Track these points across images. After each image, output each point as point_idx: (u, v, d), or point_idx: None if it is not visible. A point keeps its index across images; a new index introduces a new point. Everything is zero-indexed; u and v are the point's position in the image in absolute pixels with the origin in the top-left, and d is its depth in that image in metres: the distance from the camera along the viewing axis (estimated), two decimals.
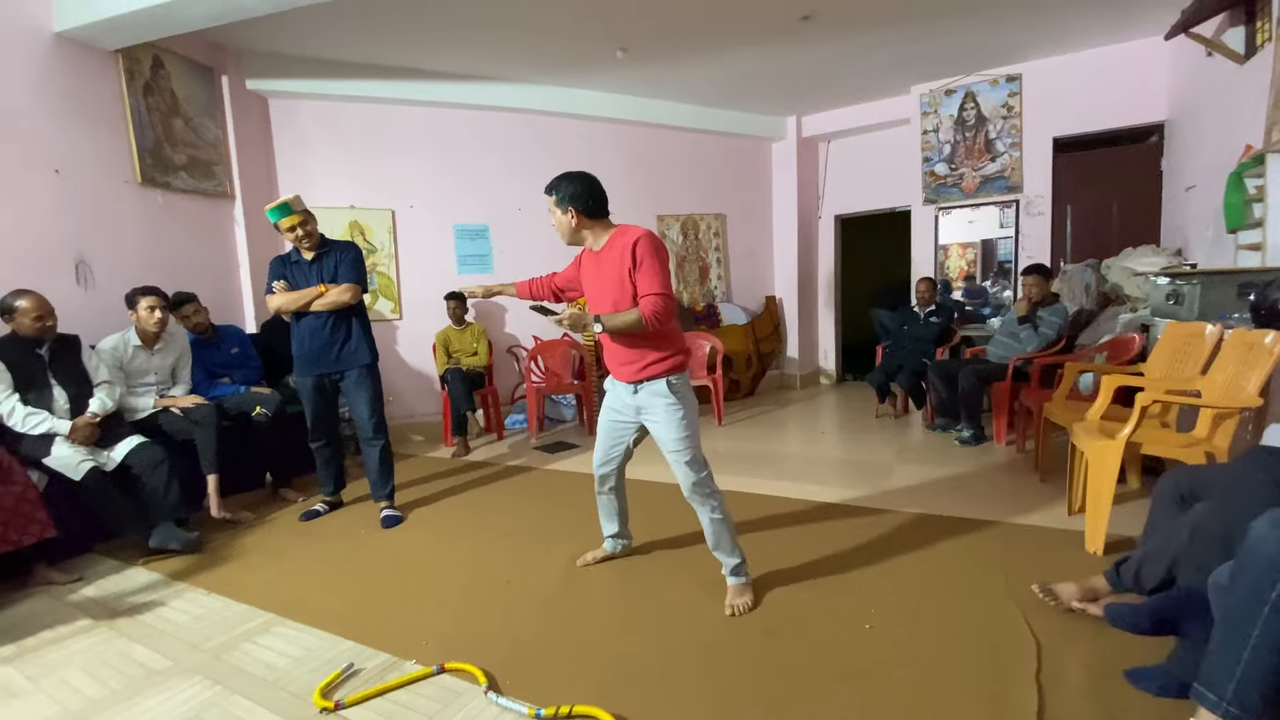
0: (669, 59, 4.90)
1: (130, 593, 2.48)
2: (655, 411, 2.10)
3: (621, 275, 2.03)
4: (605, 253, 2.12)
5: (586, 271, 2.22)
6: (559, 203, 2.12)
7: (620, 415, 2.24)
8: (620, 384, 2.19)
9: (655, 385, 2.10)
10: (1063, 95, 5.08)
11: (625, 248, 2.03)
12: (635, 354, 2.10)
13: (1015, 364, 3.80)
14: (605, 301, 2.10)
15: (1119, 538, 2.40)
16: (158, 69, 3.90)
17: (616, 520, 2.48)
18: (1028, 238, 5.33)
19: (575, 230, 2.13)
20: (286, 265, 3.08)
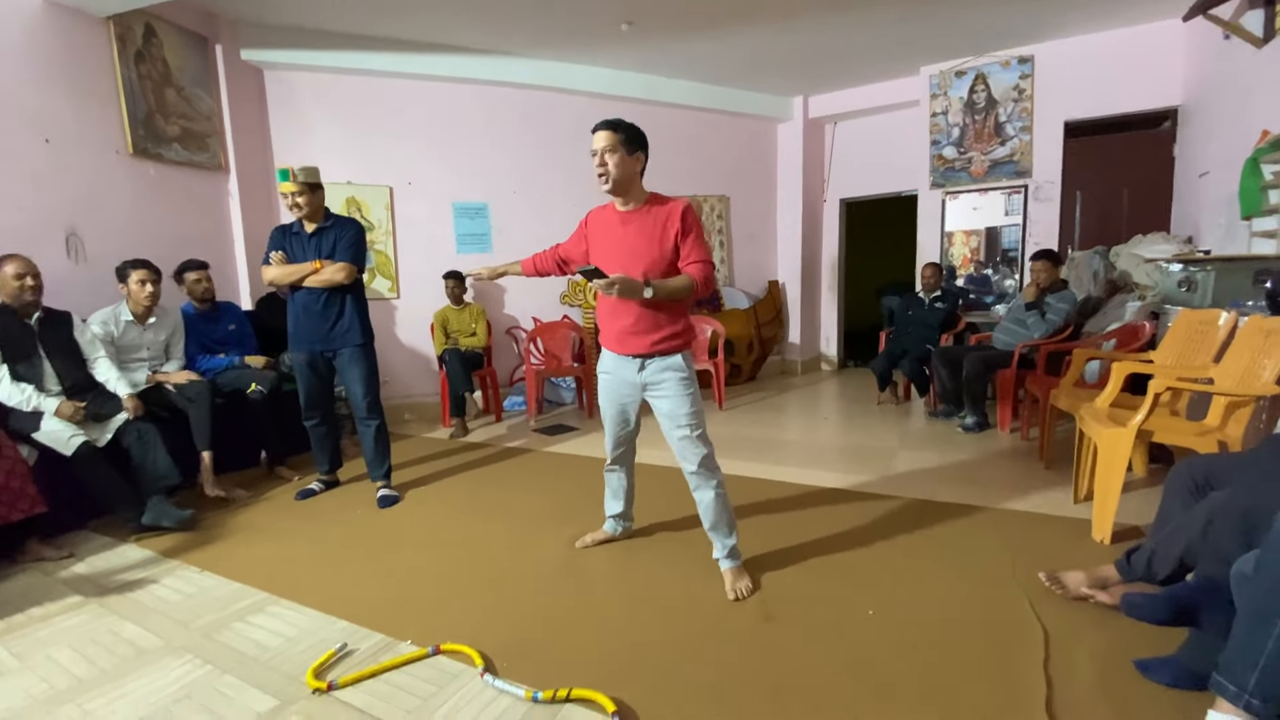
0: (675, 34, 4.79)
1: (121, 570, 2.45)
2: (666, 386, 2.04)
3: (664, 241, 1.98)
4: (639, 216, 2.03)
5: (607, 232, 2.10)
6: (628, 143, 1.99)
7: (625, 394, 2.16)
8: (624, 360, 2.10)
9: (671, 360, 2.05)
10: (1075, 78, 4.98)
11: (671, 214, 1.99)
12: (654, 325, 2.03)
13: (1021, 351, 3.74)
14: (634, 264, 1.98)
15: (1125, 526, 2.37)
16: (150, 37, 3.80)
17: (623, 499, 2.42)
18: (1036, 223, 5.26)
19: (634, 177, 2.02)
20: (286, 236, 3.02)
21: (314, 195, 2.92)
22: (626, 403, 2.18)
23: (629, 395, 2.16)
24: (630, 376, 2.11)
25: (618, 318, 2.07)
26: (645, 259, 1.98)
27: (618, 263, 2.00)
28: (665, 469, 3.39)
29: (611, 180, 1.98)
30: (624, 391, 2.16)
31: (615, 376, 2.16)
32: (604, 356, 2.19)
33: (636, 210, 2.05)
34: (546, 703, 1.54)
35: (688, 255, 1.99)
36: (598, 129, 2.00)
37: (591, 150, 2.00)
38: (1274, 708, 1.11)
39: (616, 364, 2.14)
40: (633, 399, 2.17)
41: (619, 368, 2.14)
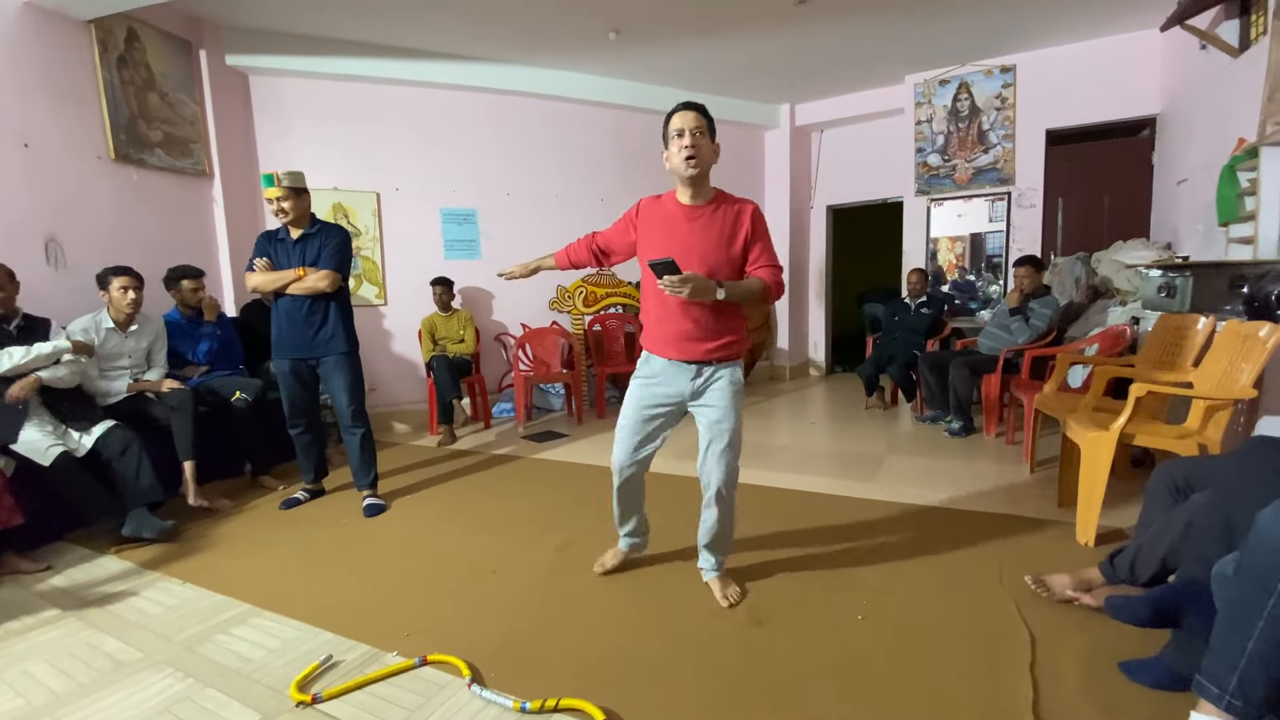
0: (662, 42, 4.82)
1: (101, 582, 2.40)
2: (719, 396, 1.91)
3: (733, 242, 1.86)
4: (707, 213, 1.88)
5: (668, 226, 1.91)
6: (711, 129, 1.88)
7: (666, 404, 1.98)
8: (677, 366, 1.93)
9: (728, 368, 1.92)
10: (1056, 87, 5.06)
11: (741, 214, 1.89)
12: (716, 330, 1.89)
13: (1006, 356, 3.78)
14: (698, 265, 1.83)
15: (1109, 529, 2.40)
16: (132, 42, 3.77)
17: (635, 518, 2.22)
18: (1019, 230, 5.32)
19: (707, 170, 1.88)
20: (272, 242, 2.99)
21: (299, 200, 2.90)
22: (666, 413, 2.00)
23: (671, 406, 1.99)
24: (680, 385, 1.94)
25: (674, 320, 1.90)
26: (712, 260, 1.85)
27: (682, 261, 1.81)
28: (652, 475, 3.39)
29: (700, 163, 1.83)
30: (666, 401, 1.98)
31: (660, 384, 1.97)
32: (649, 362, 2.00)
33: (705, 206, 1.90)
34: (535, 713, 1.53)
35: (758, 259, 1.89)
36: (683, 109, 1.85)
37: (676, 130, 1.84)
38: (1256, 708, 1.12)
39: (666, 371, 1.95)
40: (674, 411, 2.00)
41: (669, 375, 1.95)
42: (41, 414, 2.73)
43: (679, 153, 1.83)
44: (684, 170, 1.83)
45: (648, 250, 1.92)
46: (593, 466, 3.70)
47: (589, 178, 5.71)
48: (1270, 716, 1.16)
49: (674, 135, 1.84)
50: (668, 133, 1.88)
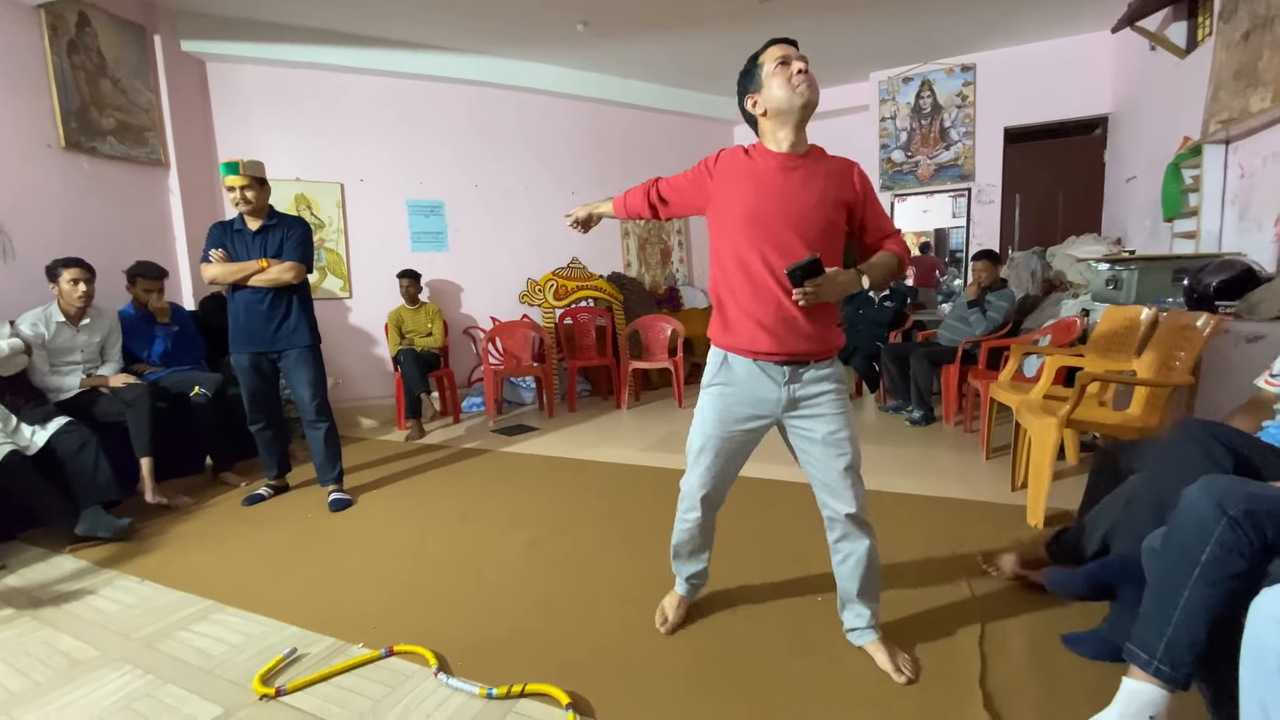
0: (631, 35, 4.83)
1: (56, 581, 2.34)
2: (826, 402, 1.53)
3: (836, 201, 1.51)
4: (806, 164, 1.52)
5: (758, 180, 1.52)
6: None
7: (756, 418, 1.59)
8: (765, 368, 1.53)
9: (832, 367, 1.55)
10: (1014, 86, 5.21)
11: (845, 172, 1.55)
12: (818, 316, 1.51)
13: (964, 347, 3.90)
14: (793, 223, 1.48)
15: (1058, 510, 2.50)
16: (83, 26, 3.64)
17: (704, 557, 1.84)
18: (979, 225, 5.47)
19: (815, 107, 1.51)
20: (228, 233, 2.91)
21: (262, 190, 2.85)
22: (753, 430, 1.61)
23: (761, 422, 1.59)
24: (770, 392, 1.54)
25: (763, 303, 1.50)
26: (811, 221, 1.48)
27: (779, 222, 1.48)
28: (626, 467, 3.42)
29: (815, 92, 1.48)
30: (756, 414, 1.58)
31: (744, 391, 1.57)
32: (724, 364, 1.59)
33: (804, 157, 1.53)
34: (501, 698, 1.55)
35: (880, 226, 1.58)
36: (781, 40, 1.52)
37: (779, 58, 1.48)
38: (1183, 673, 1.20)
39: (750, 374, 1.55)
40: (762, 426, 1.61)
41: (753, 380, 1.55)
42: None
43: (788, 81, 1.46)
44: (796, 100, 1.45)
45: (728, 208, 1.54)
46: (564, 459, 3.71)
47: (559, 170, 5.70)
48: (1196, 680, 1.23)
49: (776, 66, 1.48)
50: (759, 72, 1.52)
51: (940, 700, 1.49)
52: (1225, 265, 2.60)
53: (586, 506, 2.91)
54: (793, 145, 1.52)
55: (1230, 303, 2.49)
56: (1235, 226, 3.16)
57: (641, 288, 6.01)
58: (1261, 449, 1.53)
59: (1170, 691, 1.20)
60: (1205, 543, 1.16)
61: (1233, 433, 1.55)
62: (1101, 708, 1.26)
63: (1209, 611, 1.16)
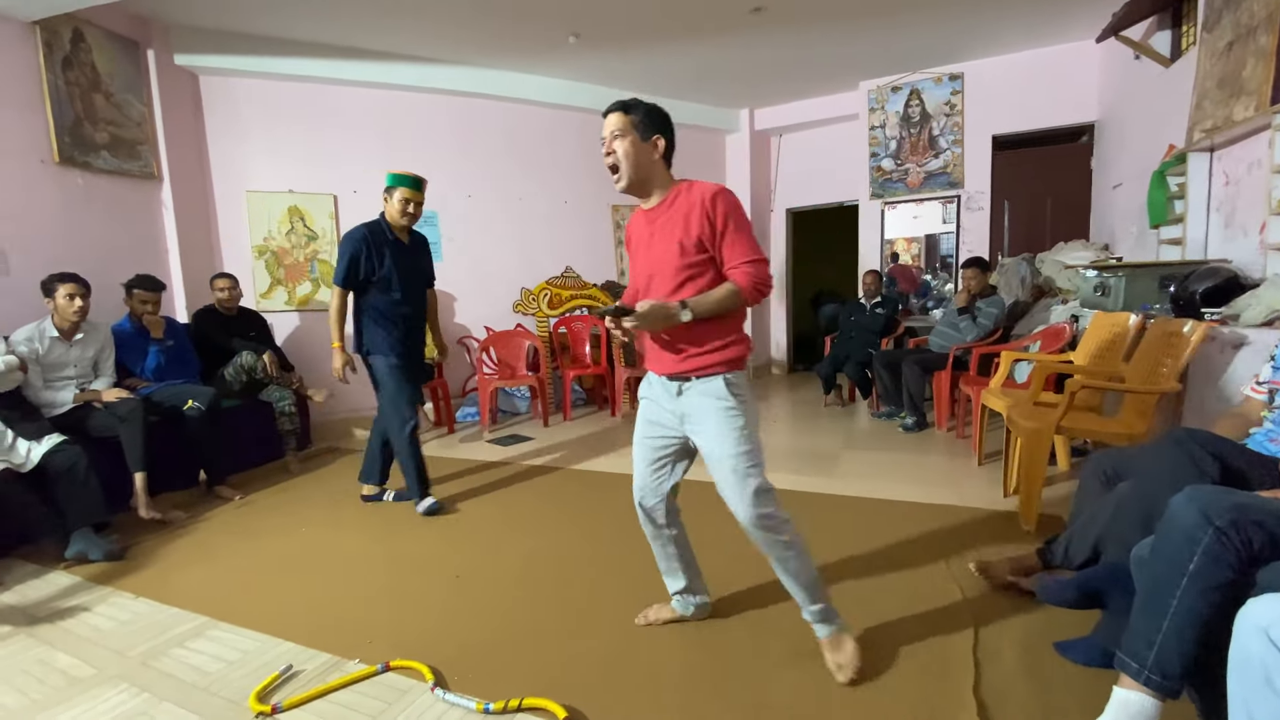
0: (622, 47, 4.87)
1: (51, 598, 2.33)
2: (705, 419, 1.60)
3: (684, 241, 1.56)
4: (662, 212, 1.63)
5: (638, 240, 1.70)
6: (641, 125, 1.61)
7: (661, 427, 1.72)
8: (663, 381, 1.68)
9: (708, 383, 1.60)
10: (1002, 94, 5.27)
11: (693, 206, 1.56)
12: (694, 336, 1.60)
13: (955, 353, 3.93)
14: (665, 277, 1.60)
15: (1050, 516, 2.52)
16: (78, 42, 3.65)
17: (682, 573, 1.88)
18: (968, 232, 5.52)
19: (653, 166, 1.63)
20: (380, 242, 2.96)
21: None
22: (670, 440, 1.72)
23: (665, 430, 1.71)
24: (667, 403, 1.68)
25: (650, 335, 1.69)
26: (673, 265, 1.59)
27: (651, 273, 1.64)
28: (612, 475, 3.43)
29: (624, 175, 1.61)
30: (663, 422, 1.71)
31: (654, 402, 1.74)
32: (647, 377, 1.78)
33: (661, 205, 1.64)
34: (498, 713, 1.55)
35: (729, 257, 1.56)
36: (608, 112, 1.64)
37: (601, 138, 1.64)
38: (1172, 682, 1.21)
39: (657, 386, 1.72)
40: (670, 433, 1.71)
41: (659, 392, 1.71)
42: None
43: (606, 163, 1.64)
44: (615, 184, 1.65)
45: (633, 271, 1.74)
46: (560, 470, 3.71)
47: (551, 180, 5.72)
48: (1187, 688, 1.25)
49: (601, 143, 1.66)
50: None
51: (935, 707, 1.50)
52: (1211, 272, 2.64)
53: (582, 517, 2.92)
54: (649, 201, 1.68)
55: (1216, 309, 2.52)
56: (1220, 233, 3.21)
57: None
58: (1248, 456, 1.56)
59: (1161, 701, 1.21)
60: (1192, 553, 1.18)
61: (1219, 440, 1.58)
62: (1095, 715, 1.28)
63: (1198, 621, 1.17)
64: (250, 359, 3.76)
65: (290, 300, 4.75)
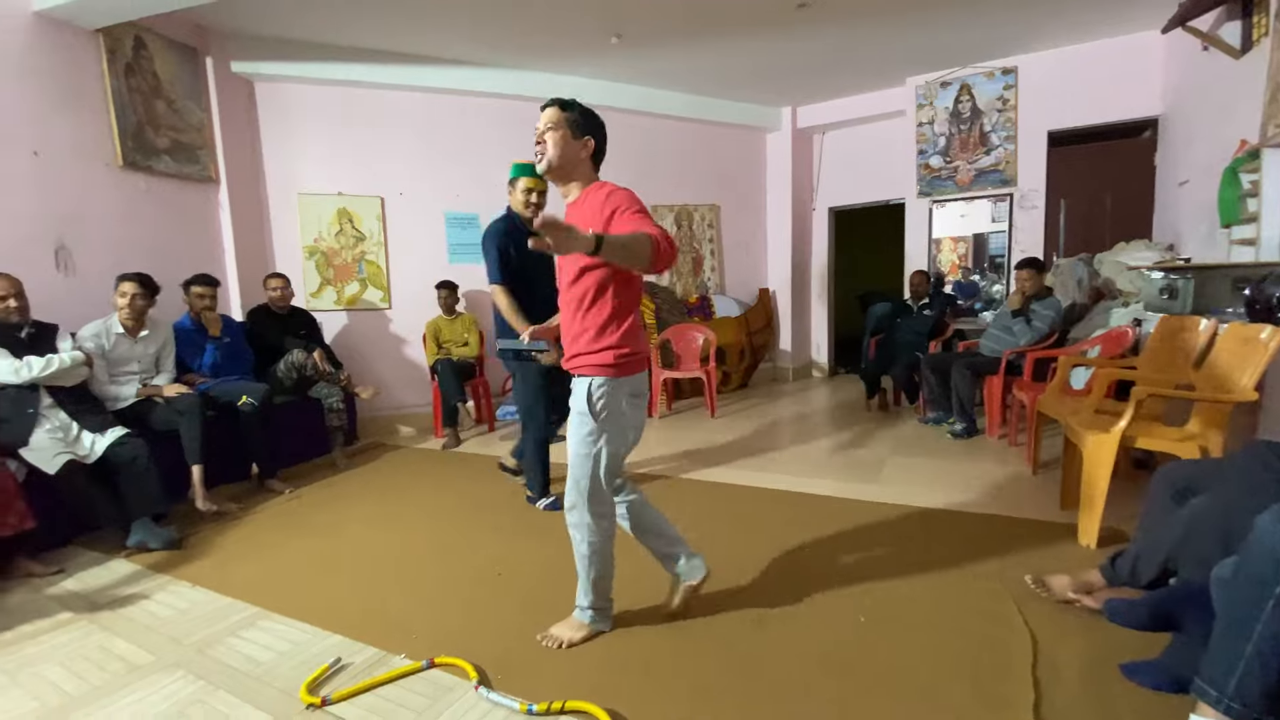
0: (664, 46, 4.84)
1: (112, 585, 2.43)
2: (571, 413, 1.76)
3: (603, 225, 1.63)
4: (577, 207, 1.75)
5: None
6: (575, 124, 1.73)
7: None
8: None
9: (578, 382, 1.73)
10: (1058, 89, 5.07)
11: (601, 199, 1.67)
12: (576, 331, 1.72)
13: (1008, 357, 3.79)
14: (569, 266, 1.73)
15: (1111, 531, 2.41)
16: (140, 49, 3.80)
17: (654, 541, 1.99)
18: (1021, 231, 5.33)
19: (578, 163, 1.75)
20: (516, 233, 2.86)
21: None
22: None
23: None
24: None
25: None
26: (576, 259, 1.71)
27: (558, 263, 1.80)
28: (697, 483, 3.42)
29: (547, 159, 1.72)
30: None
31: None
32: None
33: (578, 200, 1.76)
34: (541, 715, 1.55)
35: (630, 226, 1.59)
36: (546, 106, 1.77)
37: (535, 128, 1.77)
38: (1254, 711, 1.14)
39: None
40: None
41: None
42: (53, 415, 2.76)
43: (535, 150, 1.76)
44: (538, 166, 1.76)
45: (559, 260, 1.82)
46: None
47: None
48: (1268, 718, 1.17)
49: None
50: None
51: None
52: None
53: None
54: (567, 195, 1.81)
55: None
56: None
57: (673, 296, 6.01)
58: None
59: None
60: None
61: None
62: None
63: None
64: (300, 356, 3.87)
65: (339, 300, 4.87)
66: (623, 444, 1.79)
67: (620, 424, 1.74)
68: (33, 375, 2.68)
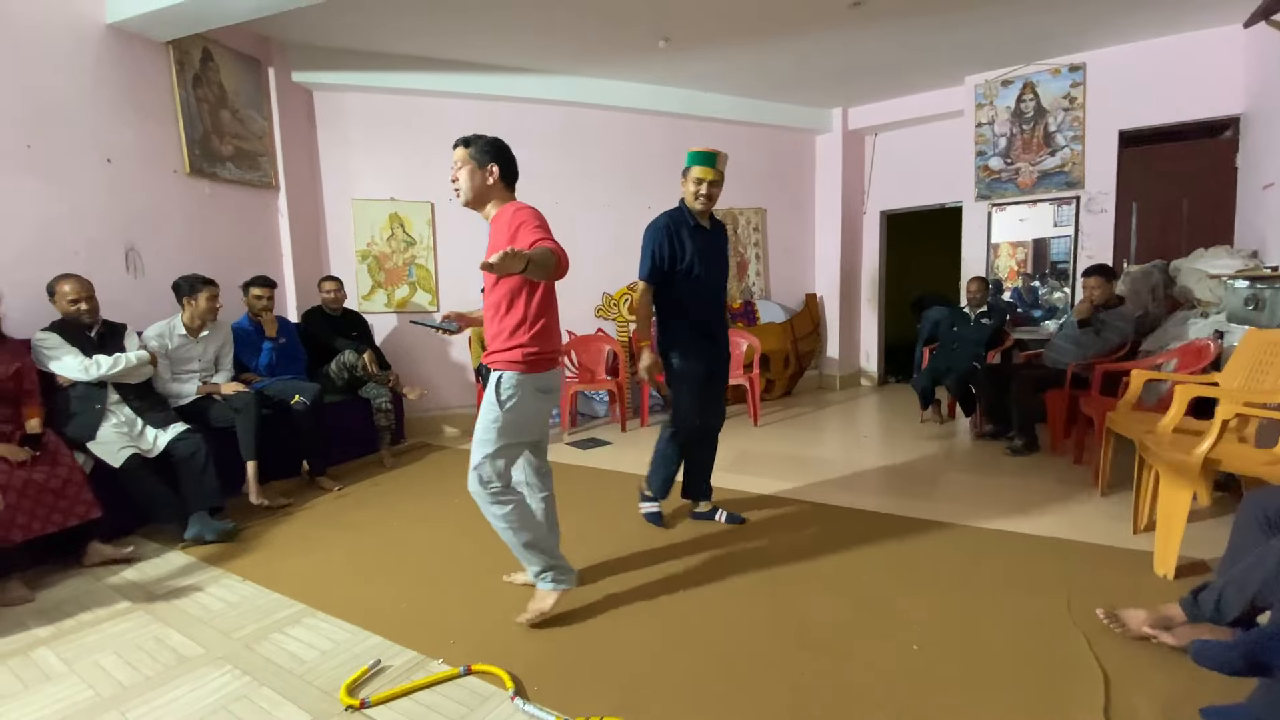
0: (712, 49, 4.79)
1: (169, 577, 2.52)
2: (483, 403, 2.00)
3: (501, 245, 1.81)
4: (494, 222, 2.00)
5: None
6: (477, 155, 2.00)
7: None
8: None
9: (492, 376, 1.97)
10: (1130, 86, 4.80)
11: (509, 215, 1.93)
12: (493, 330, 1.99)
13: (1074, 370, 3.59)
14: (489, 278, 1.94)
15: (1190, 560, 2.23)
16: (207, 61, 3.96)
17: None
18: (1088, 236, 5.06)
19: (487, 189, 2.01)
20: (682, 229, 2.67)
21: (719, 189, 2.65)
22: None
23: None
24: None
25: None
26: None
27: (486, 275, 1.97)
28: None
29: (463, 194, 2.02)
30: None
31: None
32: None
33: (495, 216, 2.01)
34: None
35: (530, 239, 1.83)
36: (455, 146, 2.05)
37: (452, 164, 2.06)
38: None
39: None
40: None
41: None
42: (119, 411, 2.88)
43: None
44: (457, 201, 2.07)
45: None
46: (637, 476, 3.66)
47: (637, 185, 5.72)
48: None
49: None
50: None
51: None
52: None
53: (658, 529, 2.86)
54: (486, 217, 2.06)
55: None
56: None
57: None
58: None
59: None
60: None
61: None
62: None
63: None
64: (351, 357, 3.96)
65: (389, 302, 4.98)
66: (522, 435, 2.00)
67: (523, 416, 1.97)
68: (101, 373, 2.80)
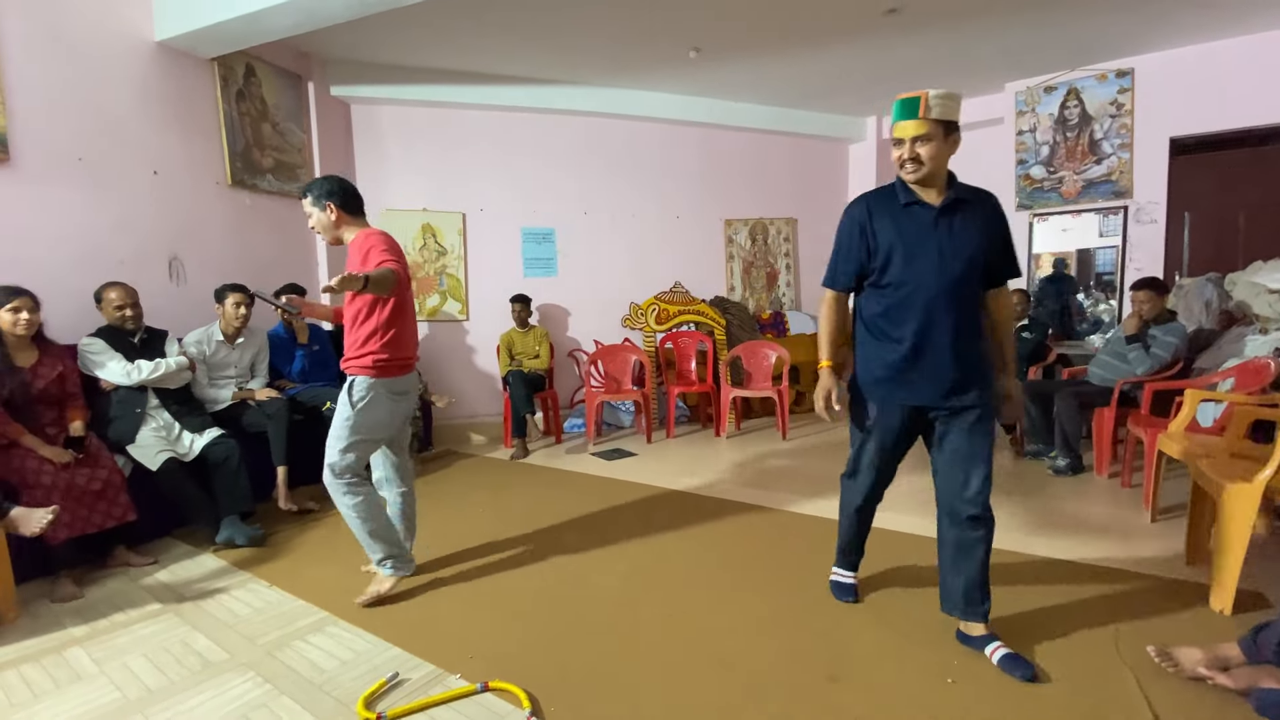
0: (743, 58, 4.76)
1: (199, 579, 2.56)
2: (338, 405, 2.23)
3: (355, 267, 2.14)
4: (350, 246, 2.24)
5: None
6: (315, 201, 2.23)
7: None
8: None
9: (348, 381, 2.20)
10: (1182, 92, 4.61)
11: (361, 240, 2.19)
12: (349, 339, 2.22)
13: (1122, 388, 3.43)
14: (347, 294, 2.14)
15: (1249, 594, 2.09)
16: (250, 76, 4.08)
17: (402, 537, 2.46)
18: (1137, 248, 4.86)
19: (336, 226, 2.26)
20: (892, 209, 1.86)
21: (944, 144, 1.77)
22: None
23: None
24: None
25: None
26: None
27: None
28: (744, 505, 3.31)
29: (320, 233, 2.31)
30: None
31: None
32: None
33: (351, 242, 2.27)
34: None
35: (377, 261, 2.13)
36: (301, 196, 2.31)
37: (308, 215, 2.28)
38: None
39: None
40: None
41: None
42: (158, 415, 2.95)
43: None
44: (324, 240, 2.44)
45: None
46: (661, 489, 3.63)
47: (665, 195, 5.71)
48: None
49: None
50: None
51: None
52: None
53: (681, 542, 2.81)
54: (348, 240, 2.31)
55: None
56: None
57: (745, 312, 5.85)
58: None
59: None
60: None
61: None
62: None
63: None
64: None
65: (420, 311, 5.05)
66: (374, 433, 2.24)
67: (375, 416, 2.21)
68: (142, 377, 2.88)
